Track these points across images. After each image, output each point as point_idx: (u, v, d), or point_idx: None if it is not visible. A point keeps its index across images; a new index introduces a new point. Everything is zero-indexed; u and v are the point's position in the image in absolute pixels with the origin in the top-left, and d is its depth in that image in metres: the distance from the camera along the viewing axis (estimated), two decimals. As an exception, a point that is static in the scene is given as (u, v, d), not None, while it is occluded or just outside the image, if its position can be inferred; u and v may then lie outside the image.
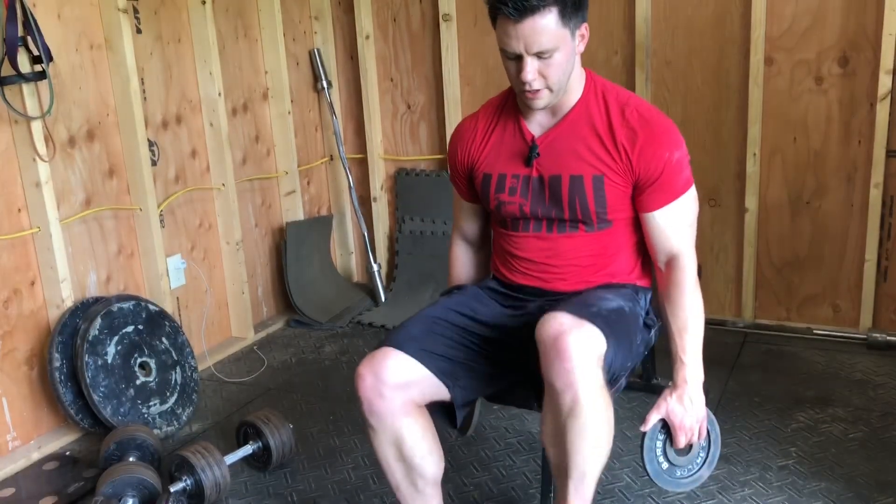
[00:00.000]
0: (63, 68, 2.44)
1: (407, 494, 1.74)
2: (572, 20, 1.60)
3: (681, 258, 1.74)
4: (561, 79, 1.65)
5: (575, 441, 1.56)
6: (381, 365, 1.67)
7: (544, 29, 1.58)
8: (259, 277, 3.32)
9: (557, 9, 1.57)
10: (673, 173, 1.68)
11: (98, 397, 2.34)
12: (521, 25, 1.58)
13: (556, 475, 1.67)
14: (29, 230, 2.36)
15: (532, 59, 1.61)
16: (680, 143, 1.70)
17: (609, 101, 1.72)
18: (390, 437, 1.68)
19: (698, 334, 1.74)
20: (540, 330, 1.56)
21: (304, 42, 3.42)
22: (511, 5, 1.58)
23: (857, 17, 2.64)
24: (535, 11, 1.56)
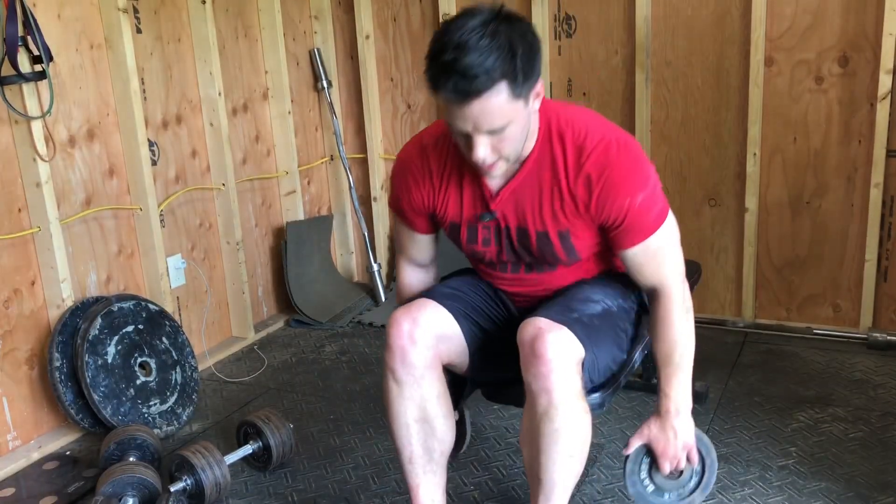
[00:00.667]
0: (63, 68, 2.44)
1: (419, 466, 1.73)
2: (525, 88, 1.42)
3: (662, 290, 1.66)
4: (517, 147, 1.53)
5: (548, 446, 1.57)
6: (421, 313, 1.66)
7: (494, 108, 1.41)
8: (259, 277, 3.32)
9: (507, 83, 1.39)
10: (638, 216, 1.57)
11: (98, 397, 2.34)
12: (468, 108, 1.41)
13: (530, 482, 1.67)
14: (29, 230, 2.36)
15: (483, 136, 1.45)
16: (644, 183, 1.57)
17: (566, 144, 1.57)
18: (417, 392, 1.66)
19: (683, 366, 1.69)
20: (520, 333, 1.57)
21: (304, 42, 3.42)
22: (453, 89, 1.39)
23: (858, 16, 2.64)
24: (483, 93, 1.38)
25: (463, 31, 1.38)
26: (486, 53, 1.36)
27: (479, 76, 1.36)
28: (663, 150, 3.02)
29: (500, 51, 1.37)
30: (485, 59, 1.36)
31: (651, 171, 1.60)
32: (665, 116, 2.98)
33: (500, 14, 1.42)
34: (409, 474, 1.74)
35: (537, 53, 1.44)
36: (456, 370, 1.78)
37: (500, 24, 1.39)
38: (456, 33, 1.38)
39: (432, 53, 1.41)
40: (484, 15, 1.40)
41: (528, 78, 1.42)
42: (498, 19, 1.40)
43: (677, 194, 3.04)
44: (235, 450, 2.22)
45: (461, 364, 1.76)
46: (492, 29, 1.38)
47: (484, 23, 1.38)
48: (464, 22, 1.39)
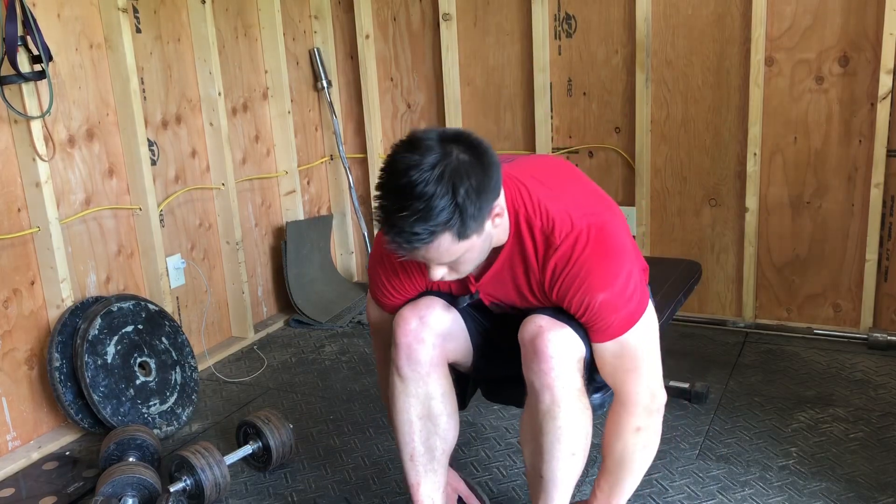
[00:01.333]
0: (63, 68, 2.43)
1: (420, 465, 1.72)
2: (473, 227, 1.35)
3: (620, 397, 1.58)
4: (476, 264, 1.48)
5: (551, 444, 1.57)
6: (428, 311, 1.65)
7: (441, 253, 1.36)
8: (259, 277, 3.31)
9: (450, 233, 1.33)
10: (600, 315, 1.49)
11: (98, 397, 2.34)
12: (413, 253, 1.37)
13: (530, 480, 1.67)
14: (29, 230, 2.35)
15: (438, 265, 1.43)
16: (611, 281, 1.47)
17: (535, 235, 1.49)
18: (422, 389, 1.66)
19: (621, 477, 1.63)
20: (521, 331, 1.57)
21: (304, 41, 3.42)
22: (394, 244, 1.34)
23: (858, 16, 2.64)
24: (423, 245, 1.33)
25: (406, 173, 1.30)
26: (427, 206, 1.29)
27: (418, 234, 1.31)
28: (663, 150, 3.02)
29: (443, 200, 1.29)
30: (425, 214, 1.29)
31: (623, 267, 1.48)
32: (665, 116, 2.98)
33: (447, 147, 1.32)
34: (410, 472, 1.74)
35: (488, 184, 1.35)
36: (460, 368, 1.78)
37: (446, 163, 1.30)
38: (399, 176, 1.31)
39: (378, 188, 1.35)
40: (431, 151, 1.31)
41: (477, 218, 1.35)
42: (445, 155, 1.31)
43: (677, 194, 3.03)
44: (235, 450, 2.22)
45: (465, 362, 1.77)
46: (437, 173, 1.29)
47: (430, 165, 1.30)
48: (409, 161, 1.31)
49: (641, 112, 2.97)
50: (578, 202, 1.53)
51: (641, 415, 1.58)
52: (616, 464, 1.63)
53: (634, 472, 1.65)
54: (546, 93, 3.11)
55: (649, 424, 1.60)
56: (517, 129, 3.23)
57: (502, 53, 3.18)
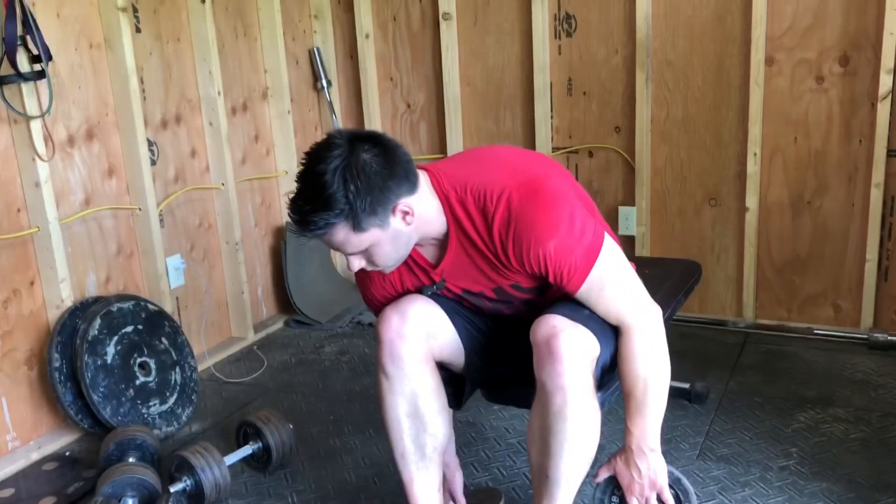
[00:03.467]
0: (62, 68, 2.43)
1: (412, 462, 1.72)
2: (368, 219, 1.44)
3: (622, 325, 1.60)
4: (394, 259, 1.55)
5: (560, 444, 1.57)
6: (409, 308, 1.66)
7: (342, 242, 1.48)
8: (259, 277, 3.31)
9: (345, 224, 1.44)
10: (560, 262, 1.50)
11: (98, 397, 2.34)
12: (319, 240, 1.49)
13: (535, 480, 1.67)
14: (28, 230, 2.35)
15: (351, 255, 1.52)
16: (555, 227, 1.48)
17: (472, 214, 1.53)
18: (407, 386, 1.66)
19: (648, 404, 1.61)
20: (534, 331, 1.56)
21: (304, 41, 3.42)
22: (297, 229, 1.48)
23: (858, 16, 2.64)
24: (321, 234, 1.46)
25: (308, 168, 1.45)
26: (323, 198, 1.41)
27: (314, 222, 1.43)
28: (663, 150, 3.01)
29: (338, 194, 1.40)
30: (318, 205, 1.42)
31: (563, 210, 1.50)
32: (665, 116, 2.98)
33: (354, 145, 1.43)
34: (403, 470, 1.74)
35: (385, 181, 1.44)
36: (452, 368, 1.78)
37: (346, 159, 1.41)
38: (307, 168, 1.45)
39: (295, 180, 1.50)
40: (338, 147, 1.42)
41: (371, 212, 1.43)
42: (350, 152, 1.42)
43: (677, 194, 3.03)
44: (235, 450, 2.22)
45: (456, 362, 1.76)
46: (332, 167, 1.41)
47: (333, 159, 1.41)
48: (318, 154, 1.44)
49: (641, 112, 2.96)
50: (507, 169, 1.56)
51: (647, 332, 1.59)
52: (642, 390, 1.59)
53: (660, 393, 1.62)
54: (546, 93, 3.11)
55: (657, 340, 1.60)
56: (517, 129, 3.23)
57: (502, 53, 3.18)
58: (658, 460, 1.63)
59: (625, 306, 1.58)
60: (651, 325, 1.60)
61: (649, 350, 1.59)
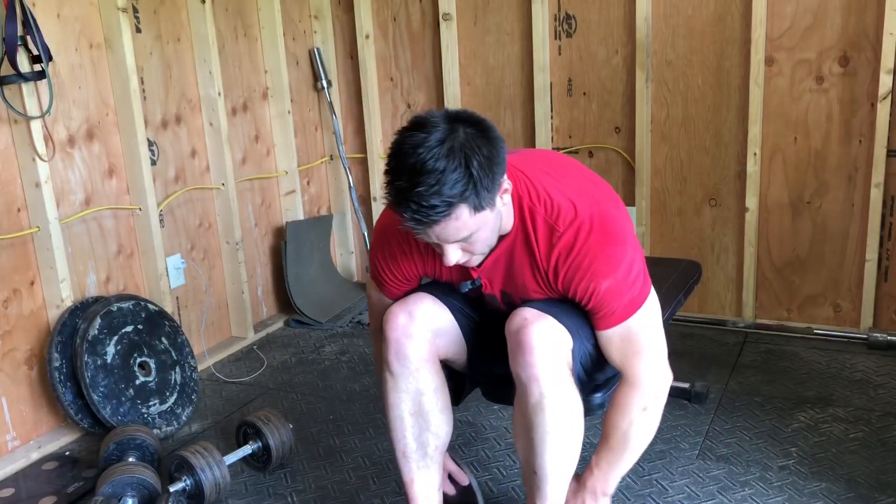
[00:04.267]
0: (62, 68, 2.43)
1: (413, 461, 1.72)
2: (487, 199, 1.38)
3: (628, 377, 1.59)
4: (489, 244, 1.50)
5: (542, 437, 1.57)
6: (416, 306, 1.66)
7: (459, 226, 1.38)
8: (259, 277, 3.31)
9: (467, 205, 1.35)
10: (605, 302, 1.51)
11: (97, 397, 2.34)
12: (430, 230, 1.39)
13: (526, 478, 1.67)
14: (28, 230, 2.35)
15: (451, 245, 1.44)
16: (613, 268, 1.48)
17: (538, 224, 1.51)
18: (412, 385, 1.66)
19: (619, 456, 1.64)
20: (507, 324, 1.57)
21: (304, 41, 3.42)
22: (411, 219, 1.36)
23: (858, 16, 2.64)
24: (441, 220, 1.35)
25: (415, 152, 1.32)
26: (441, 179, 1.31)
27: (435, 206, 1.33)
28: (663, 150, 3.02)
29: (456, 172, 1.32)
30: (440, 187, 1.31)
31: (626, 254, 1.50)
32: (665, 116, 2.98)
33: (452, 124, 1.35)
34: (404, 469, 1.74)
35: (497, 157, 1.38)
36: (454, 366, 1.78)
37: (454, 138, 1.33)
38: (409, 155, 1.33)
39: (387, 172, 1.38)
40: (437, 129, 1.34)
41: (491, 189, 1.37)
42: (451, 131, 1.34)
43: (677, 194, 3.03)
44: (235, 450, 2.22)
45: (459, 359, 1.77)
46: (447, 147, 1.32)
47: (438, 140, 1.32)
48: (416, 139, 1.33)
49: (641, 112, 2.97)
50: (581, 191, 1.54)
51: (648, 395, 1.60)
52: (619, 442, 1.63)
53: (635, 450, 1.66)
54: (546, 93, 3.11)
55: (655, 405, 1.62)
56: (517, 129, 3.23)
57: (502, 53, 3.18)
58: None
59: (638, 363, 1.57)
60: (654, 390, 1.60)
61: (641, 411, 1.60)
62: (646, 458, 2.19)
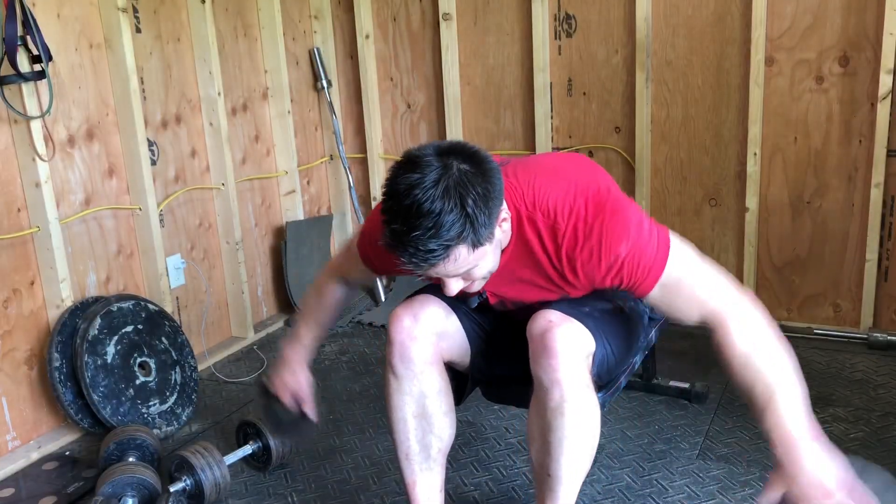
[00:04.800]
0: (62, 68, 2.43)
1: (416, 463, 1.72)
2: (485, 233, 1.35)
3: (708, 321, 1.48)
4: (491, 270, 1.48)
5: (559, 440, 1.56)
6: (422, 309, 1.67)
7: (458, 265, 1.37)
8: (259, 277, 3.31)
9: (465, 244, 1.34)
10: (633, 267, 1.46)
11: (98, 397, 2.34)
12: (429, 270, 1.38)
13: (537, 479, 1.66)
14: (28, 230, 2.35)
15: (453, 279, 1.43)
16: (625, 233, 1.45)
17: (540, 230, 1.50)
18: (416, 387, 1.66)
19: (776, 398, 1.39)
20: (530, 326, 1.57)
21: (304, 41, 3.42)
22: (409, 262, 1.34)
23: (858, 16, 2.64)
24: (440, 262, 1.34)
25: (411, 194, 1.30)
26: (438, 222, 1.29)
27: (433, 250, 1.31)
28: (663, 150, 3.02)
29: (452, 214, 1.29)
30: (437, 230, 1.29)
31: (630, 216, 1.47)
32: (665, 116, 2.98)
33: (446, 160, 1.32)
34: (406, 471, 1.74)
35: (493, 190, 1.35)
36: (457, 368, 1.79)
37: (448, 177, 1.31)
38: (404, 197, 1.31)
39: (383, 213, 1.35)
40: (431, 168, 1.31)
41: (488, 225, 1.35)
42: (445, 169, 1.31)
43: (677, 194, 3.03)
44: (235, 450, 2.22)
45: (462, 361, 1.77)
46: (442, 188, 1.29)
47: (433, 181, 1.30)
48: (411, 180, 1.31)
49: (641, 112, 2.97)
50: (571, 183, 1.52)
51: (742, 323, 1.45)
52: (751, 386, 1.43)
53: (786, 385, 1.41)
54: (546, 93, 3.11)
55: (756, 329, 1.45)
56: (517, 129, 3.23)
57: (502, 53, 3.18)
58: (816, 460, 1.37)
59: (709, 301, 1.47)
60: (746, 316, 1.46)
61: (752, 344, 1.43)
62: (645, 458, 2.19)
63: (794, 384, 1.42)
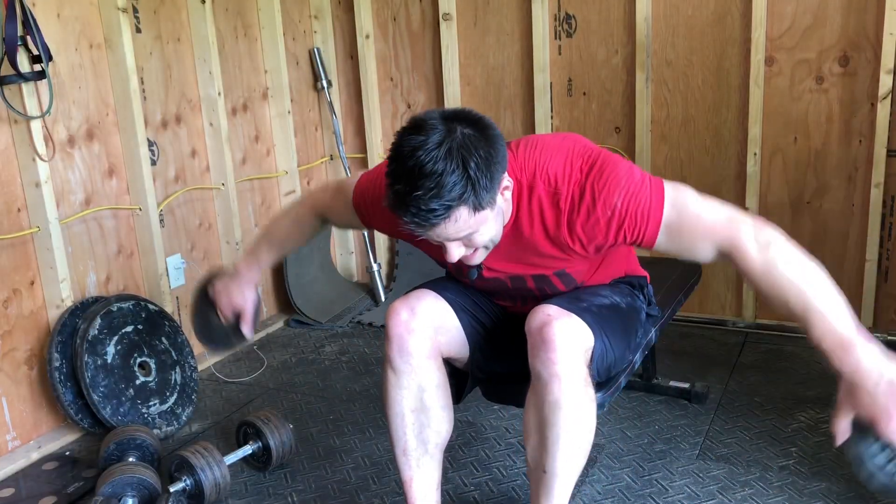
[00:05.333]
0: (62, 68, 2.43)
1: (413, 459, 1.72)
2: (487, 198, 1.38)
3: (723, 252, 1.49)
4: (494, 237, 1.50)
5: (556, 435, 1.56)
6: (419, 303, 1.67)
7: (459, 227, 1.39)
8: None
9: (466, 206, 1.36)
10: (632, 216, 1.48)
11: (98, 397, 2.34)
12: (431, 231, 1.40)
13: (532, 476, 1.66)
14: (28, 230, 2.35)
15: (454, 243, 1.45)
16: (617, 184, 1.47)
17: (542, 200, 1.52)
18: (414, 381, 1.67)
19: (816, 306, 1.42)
20: (528, 321, 1.57)
21: (304, 41, 3.42)
22: (411, 222, 1.37)
23: (858, 16, 2.64)
24: (441, 221, 1.37)
25: (413, 155, 1.33)
26: (439, 182, 1.32)
27: (434, 210, 1.34)
28: (663, 150, 3.02)
29: (454, 175, 1.32)
30: (439, 190, 1.32)
31: (621, 168, 1.49)
32: (665, 116, 2.98)
33: (450, 124, 1.36)
34: (403, 466, 1.74)
35: (496, 155, 1.38)
36: (456, 364, 1.79)
37: (452, 139, 1.34)
38: (407, 159, 1.34)
39: (387, 175, 1.38)
40: (435, 130, 1.34)
41: (490, 189, 1.38)
42: (449, 132, 1.34)
43: (677, 194, 3.03)
44: (235, 450, 2.22)
45: (461, 357, 1.77)
46: (445, 149, 1.32)
47: (436, 143, 1.33)
48: (414, 142, 1.34)
49: (641, 112, 2.97)
50: (569, 151, 1.54)
51: (759, 242, 1.48)
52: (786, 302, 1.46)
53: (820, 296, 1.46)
54: (546, 93, 3.11)
55: (776, 242, 1.48)
56: (517, 129, 3.23)
57: (502, 53, 3.18)
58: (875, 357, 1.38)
59: (717, 229, 1.48)
60: (760, 233, 1.47)
61: (774, 260, 1.45)
62: (645, 458, 2.19)
63: (830, 289, 1.41)
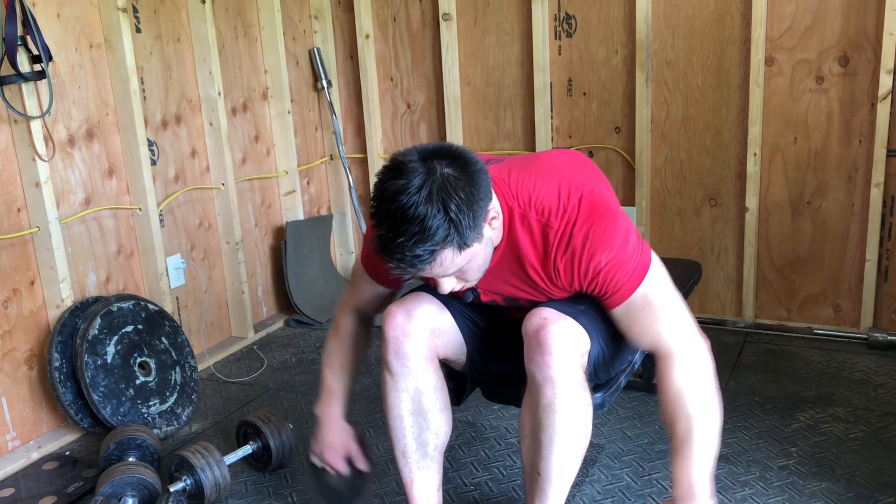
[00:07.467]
0: (62, 68, 2.43)
1: (413, 461, 1.73)
2: (472, 235, 1.37)
3: (658, 352, 1.54)
4: (483, 269, 1.50)
5: (550, 438, 1.56)
6: (415, 306, 1.68)
7: (446, 267, 1.39)
8: (259, 277, 3.31)
9: (451, 247, 1.36)
10: (609, 277, 1.49)
11: (98, 397, 2.34)
12: (419, 273, 1.41)
13: (527, 478, 1.66)
14: (28, 230, 2.35)
15: (445, 278, 1.45)
16: (610, 242, 1.47)
17: (533, 228, 1.51)
18: (411, 383, 1.67)
19: (691, 443, 1.48)
20: (525, 323, 1.57)
21: (304, 41, 3.42)
22: (396, 267, 1.37)
23: (858, 16, 2.64)
24: (427, 266, 1.37)
25: (396, 199, 1.32)
26: (422, 227, 1.31)
27: (419, 255, 1.34)
28: (663, 150, 3.02)
29: (436, 219, 1.31)
30: (422, 236, 1.32)
31: (619, 226, 1.50)
32: (665, 116, 2.98)
33: (430, 164, 1.34)
34: (403, 469, 1.74)
35: (477, 193, 1.37)
36: (454, 366, 1.79)
37: (432, 181, 1.32)
38: (389, 203, 1.33)
39: (372, 218, 1.38)
40: (415, 173, 1.33)
41: (473, 227, 1.37)
42: (429, 173, 1.33)
43: (677, 194, 3.03)
44: (235, 450, 2.22)
45: (458, 359, 1.77)
46: (425, 193, 1.31)
47: (417, 187, 1.32)
48: (396, 186, 1.33)
49: (641, 112, 2.97)
50: (566, 182, 1.53)
51: (687, 363, 1.52)
52: (683, 430, 1.49)
53: (706, 436, 1.49)
54: (546, 93, 3.11)
55: (698, 373, 1.52)
56: (517, 129, 3.23)
57: (502, 53, 3.18)
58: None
59: (663, 331, 1.53)
60: (693, 358, 1.53)
61: (690, 385, 1.51)
62: (645, 458, 2.20)
63: (713, 438, 1.50)
